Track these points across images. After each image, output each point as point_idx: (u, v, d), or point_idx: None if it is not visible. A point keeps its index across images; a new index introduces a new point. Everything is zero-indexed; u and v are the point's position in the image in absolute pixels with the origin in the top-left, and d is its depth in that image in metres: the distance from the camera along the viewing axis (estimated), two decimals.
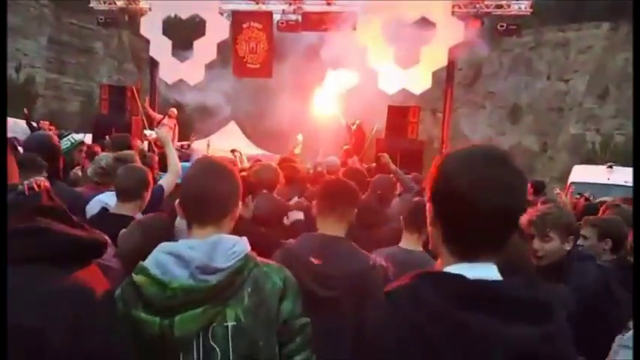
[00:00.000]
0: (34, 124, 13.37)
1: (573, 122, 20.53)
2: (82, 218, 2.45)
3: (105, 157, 3.56)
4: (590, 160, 17.36)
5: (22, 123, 13.82)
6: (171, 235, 2.17)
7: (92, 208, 2.83)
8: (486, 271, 1.07)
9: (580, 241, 3.26)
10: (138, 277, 1.34)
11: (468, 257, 1.08)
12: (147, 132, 9.37)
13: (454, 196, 1.06)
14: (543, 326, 0.98)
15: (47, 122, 14.24)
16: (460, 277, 1.05)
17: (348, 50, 11.21)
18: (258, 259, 1.45)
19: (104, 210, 2.66)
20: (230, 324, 1.33)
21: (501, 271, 1.09)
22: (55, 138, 3.24)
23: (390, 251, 2.79)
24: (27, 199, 1.05)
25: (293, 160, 5.31)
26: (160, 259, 1.36)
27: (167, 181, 3.39)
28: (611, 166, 11.27)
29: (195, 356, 1.32)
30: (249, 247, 1.42)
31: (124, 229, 2.14)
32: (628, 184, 7.69)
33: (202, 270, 1.32)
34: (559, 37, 21.22)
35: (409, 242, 2.95)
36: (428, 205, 1.15)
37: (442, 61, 11.10)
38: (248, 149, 14.04)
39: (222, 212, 1.49)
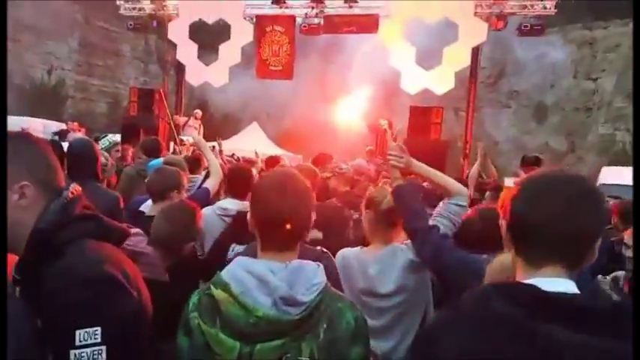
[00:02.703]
0: (61, 129, 13.85)
1: (602, 122, 20.10)
2: (120, 218, 2.63)
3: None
4: (619, 160, 16.96)
5: (53, 125, 14.33)
6: (196, 221, 2.35)
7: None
8: (564, 285, 1.09)
9: (624, 250, 3.24)
10: (218, 292, 1.29)
11: (543, 272, 1.10)
12: (184, 137, 9.61)
13: (530, 226, 1.11)
14: (617, 339, 0.97)
15: (76, 123, 14.76)
16: (533, 287, 1.06)
17: (370, 52, 11.26)
18: (331, 289, 1.39)
19: (140, 212, 2.82)
20: (304, 359, 1.29)
21: None
22: (94, 143, 3.42)
23: None
24: (75, 200, 1.32)
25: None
26: (240, 277, 1.31)
27: (212, 183, 3.53)
28: None
29: None
30: (325, 277, 1.37)
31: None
32: None
33: (286, 301, 1.27)
34: (585, 36, 20.79)
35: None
36: (503, 226, 1.19)
37: (465, 61, 11.06)
38: (270, 150, 14.21)
39: (303, 235, 1.42)
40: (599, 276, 2.85)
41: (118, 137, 9.40)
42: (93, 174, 3.19)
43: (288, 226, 1.35)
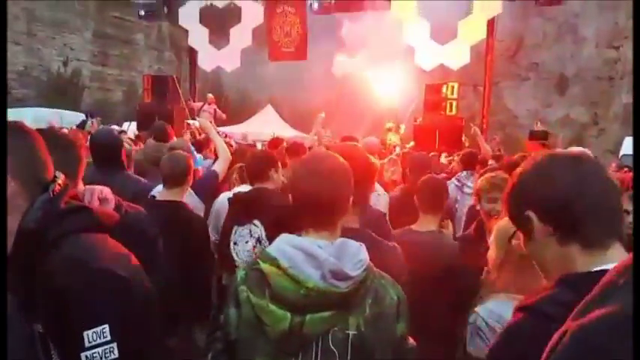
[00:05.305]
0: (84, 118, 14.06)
1: (625, 91, 19.50)
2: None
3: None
4: None
5: (70, 116, 14.53)
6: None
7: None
8: None
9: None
10: (266, 266, 1.32)
11: (600, 249, 0.99)
12: (190, 121, 9.65)
13: (565, 197, 1.01)
14: None
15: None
16: None
17: (383, 29, 11.06)
18: (373, 267, 1.41)
19: (152, 197, 2.83)
20: (351, 332, 1.32)
21: None
22: (116, 133, 3.46)
23: (406, 233, 2.69)
24: (62, 193, 1.27)
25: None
26: (287, 252, 1.32)
27: (220, 166, 3.56)
28: None
29: (313, 356, 1.31)
30: (368, 255, 1.39)
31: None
32: None
33: (334, 275, 1.29)
34: (606, 2, 20.06)
35: (426, 223, 2.80)
36: (532, 216, 1.06)
37: (481, 34, 10.80)
38: (285, 131, 14.17)
39: (340, 214, 1.42)
40: None
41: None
42: (118, 162, 3.25)
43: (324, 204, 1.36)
